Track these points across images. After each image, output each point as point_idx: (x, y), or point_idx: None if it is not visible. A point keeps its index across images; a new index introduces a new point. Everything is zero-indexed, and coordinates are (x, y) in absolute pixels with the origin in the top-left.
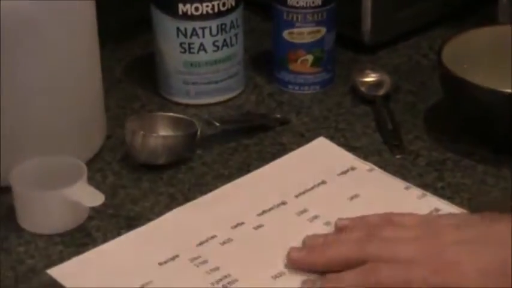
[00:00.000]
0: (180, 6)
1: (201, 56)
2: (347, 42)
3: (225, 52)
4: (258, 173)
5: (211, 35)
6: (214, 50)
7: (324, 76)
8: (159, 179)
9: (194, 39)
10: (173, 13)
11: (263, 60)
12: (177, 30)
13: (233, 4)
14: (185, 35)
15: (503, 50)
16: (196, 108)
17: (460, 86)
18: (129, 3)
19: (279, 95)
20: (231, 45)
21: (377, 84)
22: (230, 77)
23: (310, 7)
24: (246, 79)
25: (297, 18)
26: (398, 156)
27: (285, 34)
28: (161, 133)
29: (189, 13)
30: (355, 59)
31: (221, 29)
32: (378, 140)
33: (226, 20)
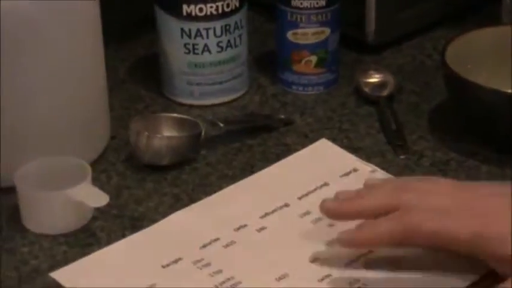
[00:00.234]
0: (184, 7)
1: (205, 57)
2: (351, 42)
3: (229, 53)
4: (261, 175)
5: (215, 36)
6: (218, 51)
7: (328, 77)
8: (163, 180)
9: (198, 40)
10: (177, 14)
11: (267, 61)
12: (181, 31)
13: (237, 5)
14: (189, 36)
15: (506, 50)
16: (200, 109)
17: (464, 86)
18: (133, 3)
19: (283, 96)
20: (235, 46)
21: (381, 84)
22: (234, 78)
23: (314, 8)
24: (250, 80)
25: (301, 19)
26: (402, 156)
27: (289, 35)
28: (165, 134)
29: (193, 14)
30: (358, 60)
31: (225, 30)
32: (382, 141)
33: (230, 21)
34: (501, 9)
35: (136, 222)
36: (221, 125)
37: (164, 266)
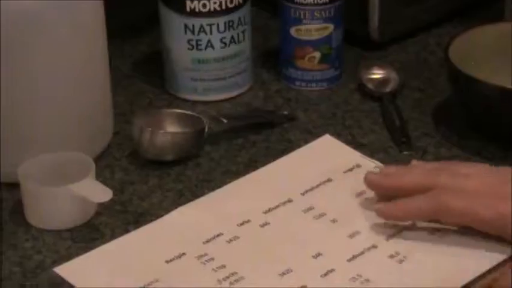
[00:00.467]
0: (188, 3)
1: (209, 53)
2: (354, 39)
3: (233, 49)
4: (264, 171)
5: (218, 32)
6: (221, 47)
7: (332, 73)
8: (167, 175)
9: (202, 36)
10: (181, 10)
11: (271, 57)
12: (185, 27)
13: (240, 1)
14: (193, 32)
15: (510, 47)
16: (203, 104)
17: (467, 83)
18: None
19: (287, 92)
20: (239, 41)
21: (384, 81)
22: (238, 74)
23: (317, 4)
24: (254, 76)
25: (305, 15)
26: (405, 152)
27: (293, 31)
28: (169, 129)
29: (197, 10)
30: (362, 56)
31: (229, 26)
32: (386, 137)
33: (233, 17)
34: (504, 6)
35: (140, 217)
36: (225, 121)
37: (168, 261)
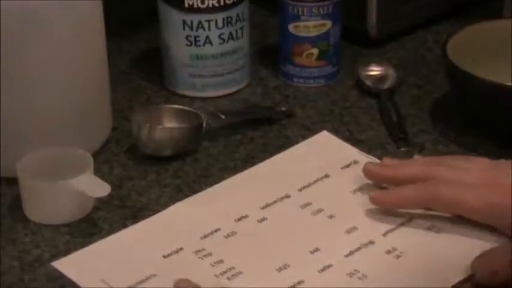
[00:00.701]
0: None
1: (207, 49)
2: (352, 35)
3: (231, 45)
4: (262, 167)
5: (217, 28)
6: (220, 43)
7: (330, 70)
8: (165, 171)
9: (200, 32)
10: (179, 6)
11: (269, 53)
12: (183, 23)
13: None
14: (191, 28)
15: (507, 44)
16: (202, 100)
17: (465, 80)
18: None
19: (284, 88)
20: (237, 38)
21: (382, 77)
22: (236, 70)
23: (316, 0)
24: (252, 72)
25: (303, 11)
26: (403, 149)
27: (291, 27)
28: (167, 125)
29: (195, 6)
30: (360, 53)
31: (227, 22)
32: (383, 133)
33: (232, 13)
34: (503, 3)
35: (138, 212)
36: (223, 117)
37: (165, 256)
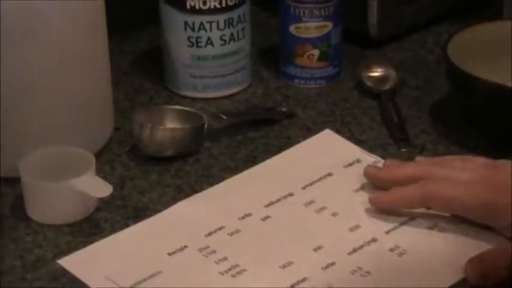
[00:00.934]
0: (188, 0)
1: (209, 50)
2: (353, 36)
3: (232, 46)
4: (265, 165)
5: (218, 29)
6: (221, 44)
7: (330, 71)
8: (167, 171)
9: (202, 33)
10: (181, 7)
11: (270, 54)
12: (185, 24)
13: None
14: (193, 29)
15: (507, 45)
16: (203, 101)
17: (465, 81)
18: None
19: (285, 89)
20: (238, 39)
21: (383, 78)
22: (237, 71)
23: (317, 2)
24: (253, 73)
25: (304, 13)
26: (403, 149)
27: (292, 28)
28: (169, 126)
29: (197, 7)
30: (361, 54)
31: (228, 23)
32: (384, 134)
33: (233, 14)
34: (503, 4)
35: (139, 212)
36: (224, 118)
37: (170, 254)
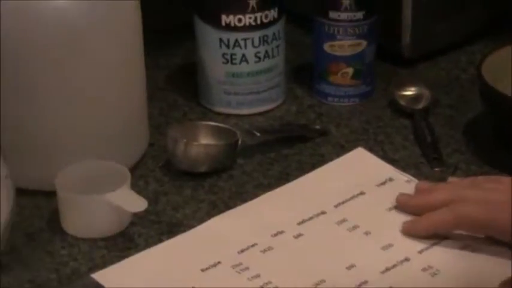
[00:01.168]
0: (223, 17)
1: (243, 67)
2: (386, 55)
3: (267, 63)
4: (298, 183)
5: (253, 46)
6: (256, 61)
7: (364, 89)
8: (201, 187)
9: (236, 50)
10: (216, 24)
11: (304, 72)
12: (220, 41)
13: (275, 16)
14: (228, 46)
15: None
16: (237, 118)
17: (499, 101)
18: (173, 12)
19: (319, 107)
20: (273, 56)
21: (416, 97)
22: (271, 88)
23: (351, 20)
24: (287, 90)
25: (338, 31)
26: (436, 169)
27: (326, 46)
28: (203, 142)
29: (232, 24)
30: (393, 72)
31: (263, 41)
32: (417, 153)
33: (268, 32)
34: None
35: (173, 228)
36: (257, 134)
37: (203, 270)
